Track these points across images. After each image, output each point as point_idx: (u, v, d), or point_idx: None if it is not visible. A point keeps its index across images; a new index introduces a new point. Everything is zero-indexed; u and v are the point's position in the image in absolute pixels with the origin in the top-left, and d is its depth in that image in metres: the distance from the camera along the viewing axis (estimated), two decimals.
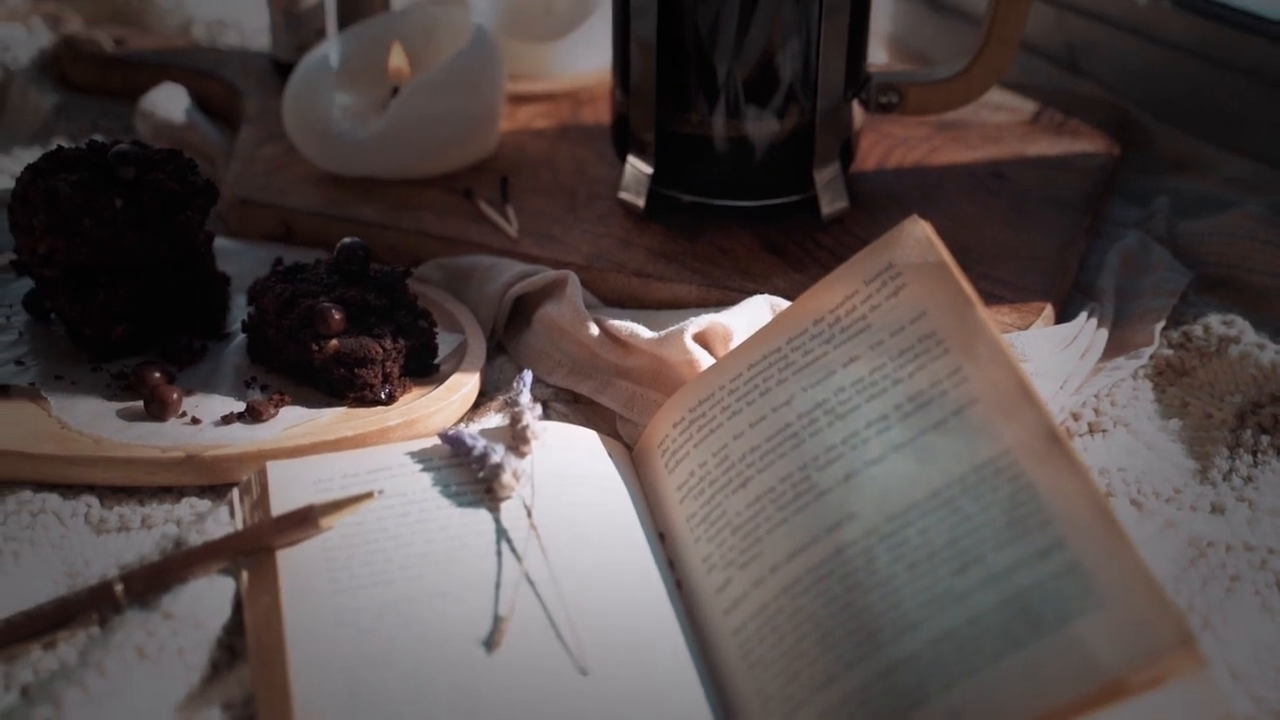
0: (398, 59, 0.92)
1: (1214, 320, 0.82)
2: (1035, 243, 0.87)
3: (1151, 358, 0.81)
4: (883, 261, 0.68)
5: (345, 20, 1.01)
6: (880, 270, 0.68)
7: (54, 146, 0.83)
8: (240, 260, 0.86)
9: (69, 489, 0.72)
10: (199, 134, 0.97)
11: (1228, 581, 0.67)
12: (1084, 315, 0.82)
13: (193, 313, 0.81)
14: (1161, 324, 0.82)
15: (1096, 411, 0.78)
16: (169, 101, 0.98)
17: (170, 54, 1.05)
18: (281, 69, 1.00)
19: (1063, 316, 0.83)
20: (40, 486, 0.72)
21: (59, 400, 0.76)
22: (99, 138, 0.96)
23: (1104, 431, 0.77)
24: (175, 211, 0.78)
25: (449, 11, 0.96)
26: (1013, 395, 0.62)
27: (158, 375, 0.76)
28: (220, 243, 0.86)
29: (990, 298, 0.82)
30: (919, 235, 0.68)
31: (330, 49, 0.93)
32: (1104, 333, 0.82)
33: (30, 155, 0.95)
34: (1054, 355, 0.78)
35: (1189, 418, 0.78)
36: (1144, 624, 0.54)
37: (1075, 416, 0.78)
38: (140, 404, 0.75)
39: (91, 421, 0.74)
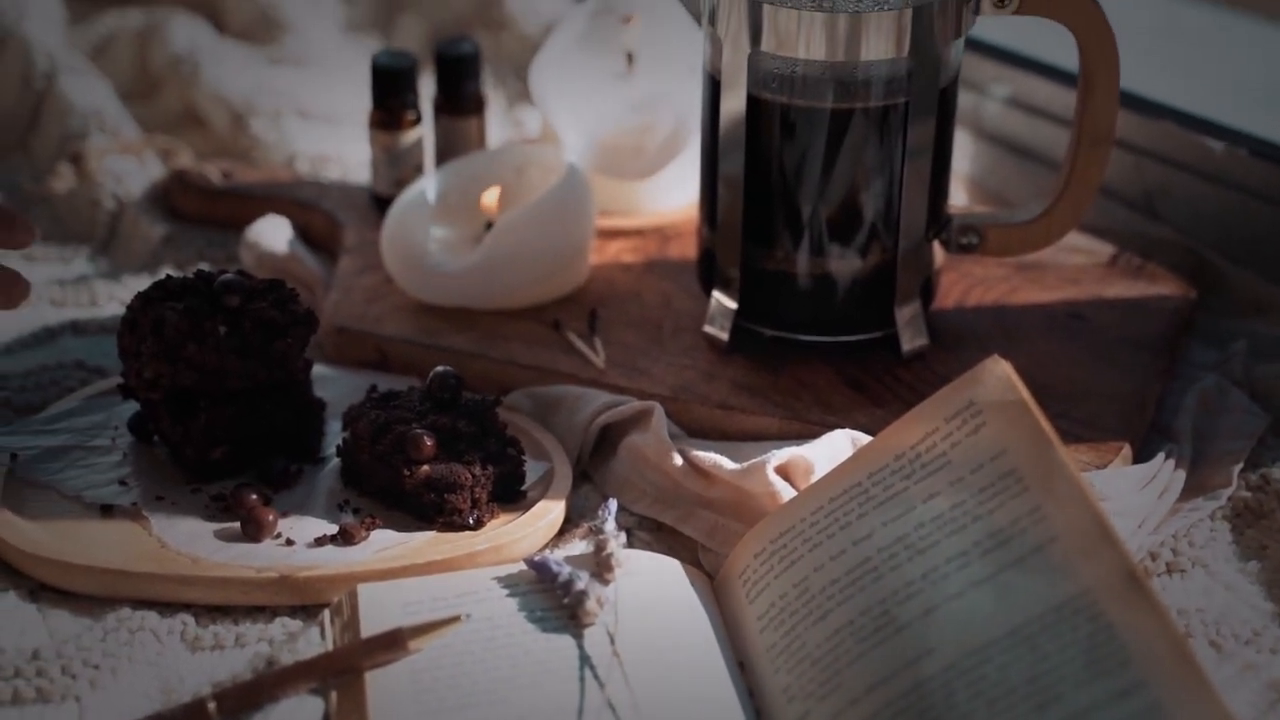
0: (490, 197, 0.95)
1: None
2: (1113, 383, 0.88)
3: (1229, 499, 0.81)
4: (963, 399, 0.69)
5: (443, 157, 1.04)
6: (961, 408, 0.69)
7: (162, 275, 0.85)
8: (336, 386, 0.88)
9: (166, 607, 0.74)
10: (300, 264, 0.99)
11: None
12: (1161, 456, 0.82)
13: (289, 437, 0.83)
14: (1239, 466, 0.82)
15: (1174, 551, 0.78)
16: (272, 232, 1.01)
17: (275, 187, 1.08)
18: (381, 203, 1.03)
19: (1140, 456, 0.83)
20: (139, 604, 0.74)
21: (159, 520, 0.78)
22: (205, 267, 0.99)
23: (1182, 572, 0.77)
24: (276, 339, 0.81)
25: (542, 150, 0.99)
26: (1092, 534, 0.62)
27: (254, 497, 0.78)
28: (318, 369, 0.88)
29: (1069, 437, 0.82)
30: (999, 374, 0.69)
31: (428, 184, 0.96)
32: (1181, 473, 0.82)
33: (140, 283, 0.97)
34: (1132, 495, 0.79)
35: (1267, 560, 0.78)
36: None
37: (1153, 556, 0.78)
38: (237, 525, 0.77)
39: (190, 541, 0.77)
